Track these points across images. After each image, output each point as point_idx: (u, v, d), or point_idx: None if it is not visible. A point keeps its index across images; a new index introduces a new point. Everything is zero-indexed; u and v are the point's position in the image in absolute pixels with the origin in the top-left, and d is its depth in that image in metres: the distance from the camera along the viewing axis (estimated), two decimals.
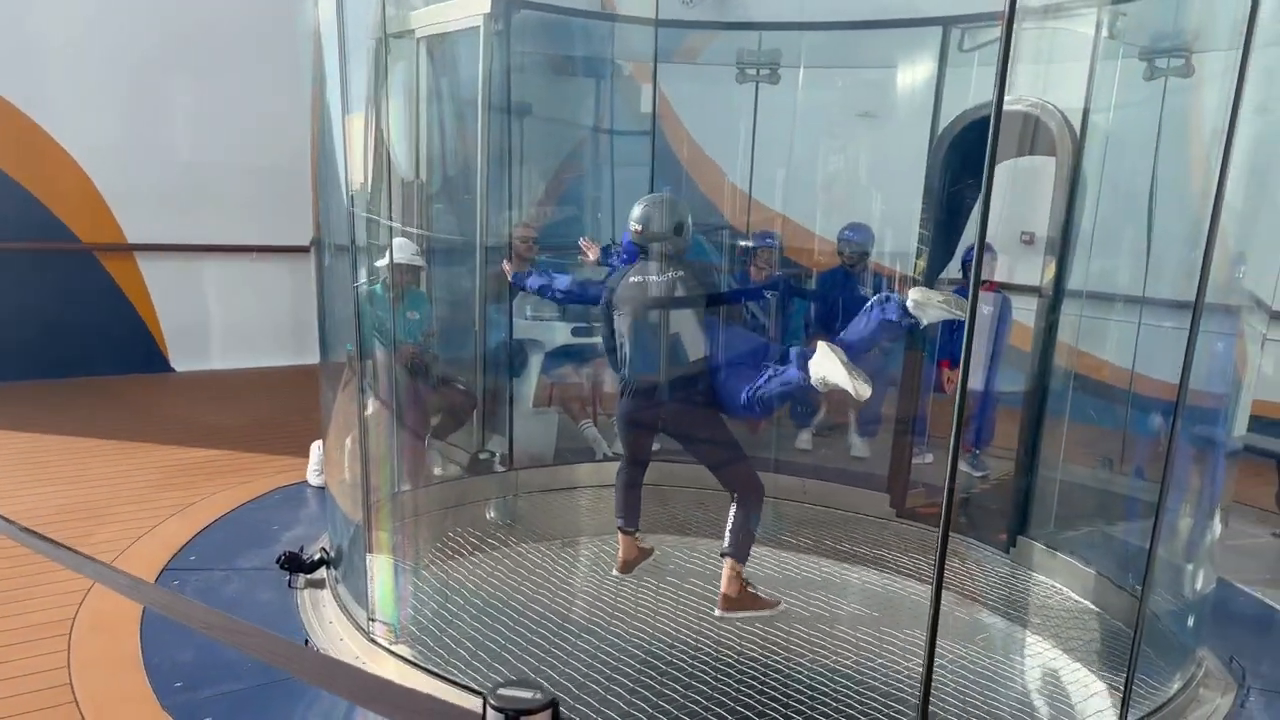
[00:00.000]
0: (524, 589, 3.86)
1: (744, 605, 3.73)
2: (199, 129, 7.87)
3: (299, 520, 4.51)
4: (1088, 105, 4.24)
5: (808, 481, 5.25)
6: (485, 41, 4.95)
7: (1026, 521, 4.47)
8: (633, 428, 4.02)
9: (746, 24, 6.20)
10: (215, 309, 8.16)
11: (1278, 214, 3.19)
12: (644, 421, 3.99)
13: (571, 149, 6.13)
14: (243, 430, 6.12)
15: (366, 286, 4.54)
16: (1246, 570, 4.47)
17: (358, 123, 3.36)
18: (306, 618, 3.52)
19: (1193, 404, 3.31)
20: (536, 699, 1.18)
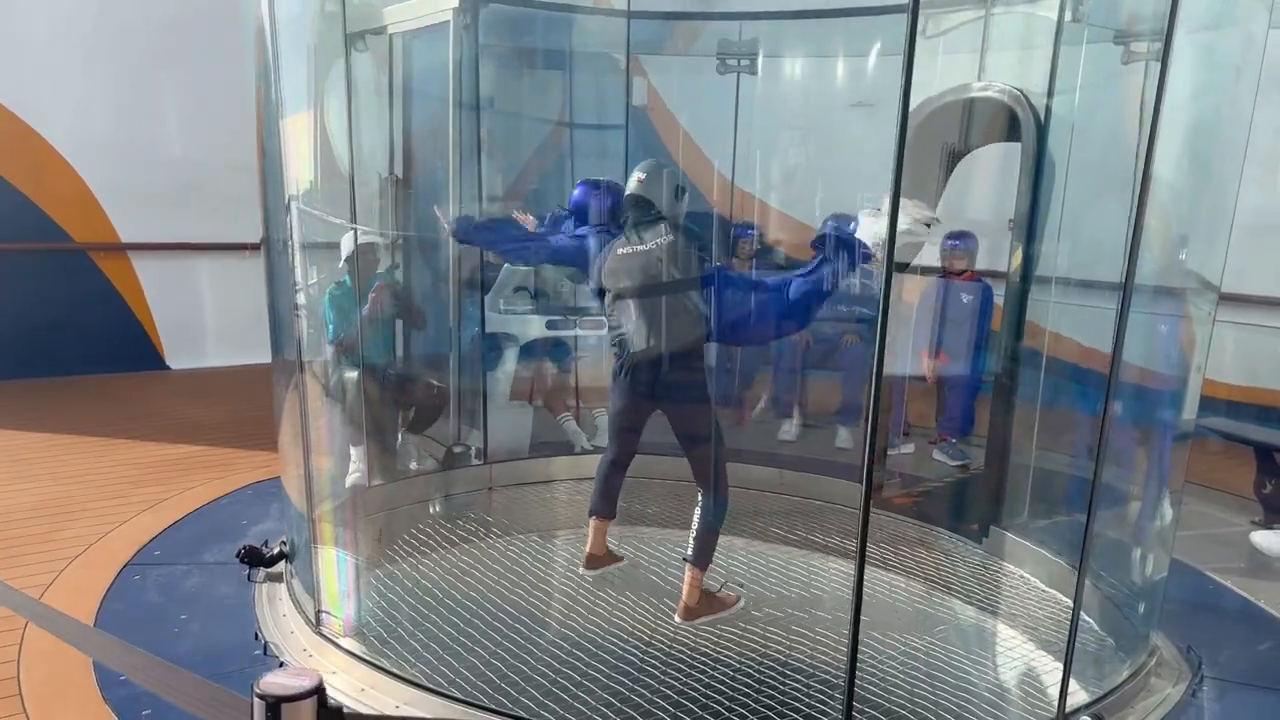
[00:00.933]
0: (488, 583, 3.87)
1: (704, 611, 3.65)
2: (190, 127, 7.93)
3: (269, 515, 4.53)
4: (1051, 89, 4.20)
5: (785, 472, 5.23)
6: (455, 36, 4.96)
7: (1000, 511, 4.44)
8: (632, 413, 3.81)
9: (720, 14, 6.18)
10: (209, 307, 8.23)
11: (1222, 196, 3.14)
12: (644, 404, 3.75)
13: (544, 142, 6.12)
14: (225, 426, 6.17)
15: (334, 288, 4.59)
16: (1223, 559, 4.42)
17: (305, 120, 3.37)
18: (261, 612, 3.54)
19: (1145, 385, 3.29)
20: (302, 686, 1.19)
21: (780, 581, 4.04)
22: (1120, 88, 4.14)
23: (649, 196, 3.70)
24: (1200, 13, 3.07)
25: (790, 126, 6.37)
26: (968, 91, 4.48)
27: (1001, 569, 4.25)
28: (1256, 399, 6.45)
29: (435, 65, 5.09)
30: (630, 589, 3.89)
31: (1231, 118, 3.17)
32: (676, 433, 3.73)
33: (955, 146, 4.54)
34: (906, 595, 3.98)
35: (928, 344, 5.72)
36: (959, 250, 5.59)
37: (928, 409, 5.86)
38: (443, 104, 5.05)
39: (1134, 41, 4.02)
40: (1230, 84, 3.14)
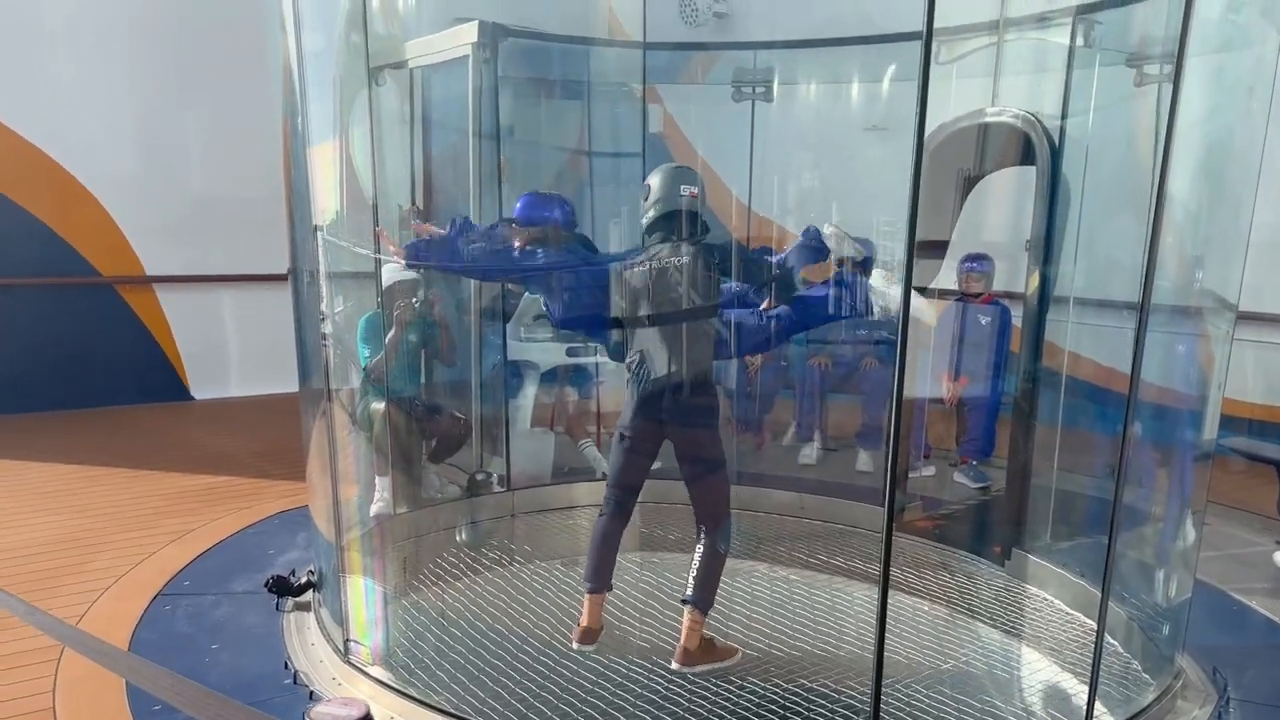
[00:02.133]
0: (513, 611, 3.89)
1: (702, 659, 3.44)
2: (214, 162, 8.07)
3: (295, 545, 4.57)
4: (1065, 112, 4.24)
5: (805, 496, 5.24)
6: (474, 69, 5.04)
7: (1022, 533, 4.44)
8: (651, 441, 3.56)
9: (734, 44, 6.25)
10: (232, 337, 8.33)
11: (1238, 215, 3.16)
12: (659, 432, 3.51)
13: (562, 170, 6.20)
14: (249, 456, 6.23)
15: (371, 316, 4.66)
16: (1246, 580, 4.40)
17: (330, 152, 3.44)
18: (290, 640, 3.57)
19: (1164, 405, 3.31)
20: (351, 716, 1.22)
21: (804, 606, 4.05)
22: (1133, 109, 4.17)
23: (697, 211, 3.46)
24: (1211, 35, 3.11)
25: (805, 151, 6.42)
26: (982, 116, 4.52)
27: (1025, 592, 4.23)
28: (1278, 417, 6.42)
29: (455, 98, 5.17)
30: (653, 616, 3.90)
31: (1245, 137, 3.20)
32: (686, 461, 3.53)
33: (970, 171, 4.58)
34: (930, 619, 3.97)
35: (948, 366, 5.73)
36: (976, 273, 5.61)
37: (948, 431, 5.86)
38: (462, 135, 5.13)
39: (1146, 64, 4.05)
40: (1243, 104, 3.17)
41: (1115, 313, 4.43)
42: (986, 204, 4.93)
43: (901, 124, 5.76)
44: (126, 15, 7.61)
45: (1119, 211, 4.25)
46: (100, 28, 7.52)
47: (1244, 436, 5.78)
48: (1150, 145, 4.07)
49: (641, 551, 4.59)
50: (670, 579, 4.25)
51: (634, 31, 5.88)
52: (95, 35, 7.51)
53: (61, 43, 7.42)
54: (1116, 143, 4.27)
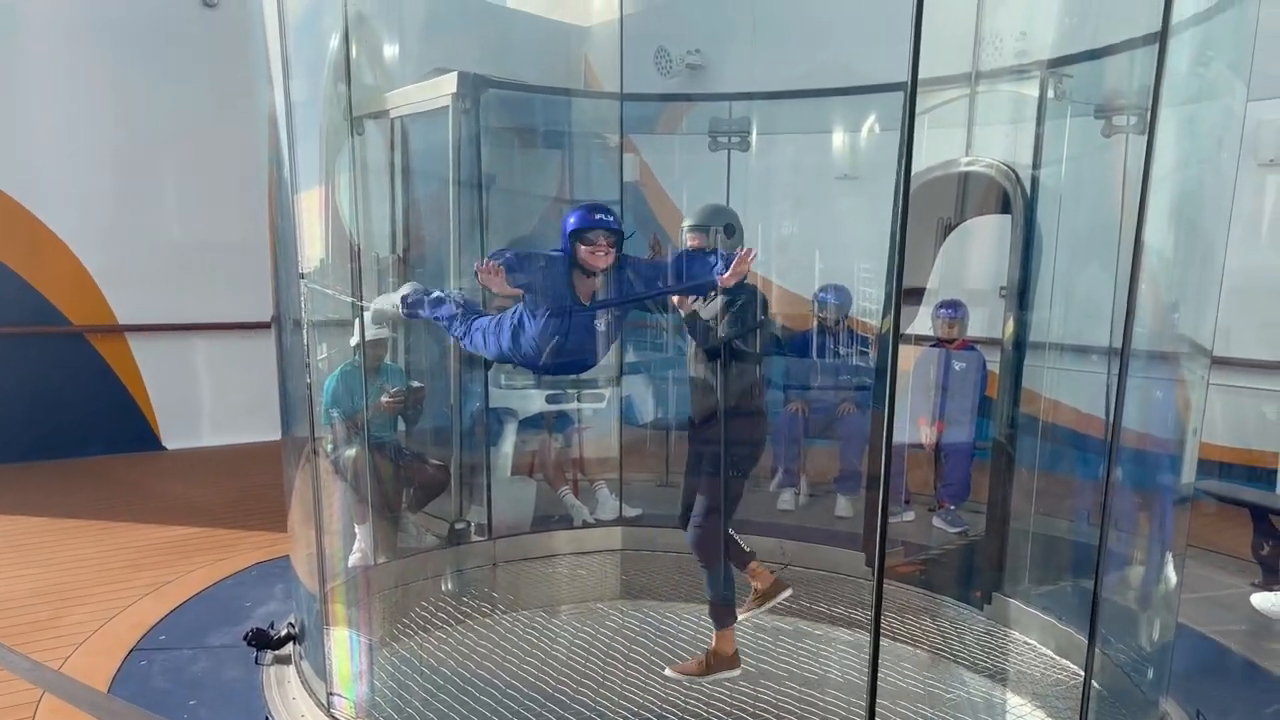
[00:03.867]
0: (496, 660, 3.85)
1: (706, 668, 3.66)
2: (188, 209, 8.04)
3: (273, 596, 4.51)
4: (1037, 162, 4.33)
5: (785, 542, 5.23)
6: (454, 119, 5.08)
7: (1002, 577, 4.46)
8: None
9: (708, 95, 6.36)
10: (205, 386, 8.25)
11: (1210, 261, 3.24)
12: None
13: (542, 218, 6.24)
14: (224, 506, 6.15)
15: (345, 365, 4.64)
16: (1225, 622, 4.44)
17: (314, 201, 3.45)
18: (270, 695, 3.51)
19: (1142, 450, 3.35)
20: None
21: (789, 651, 4.03)
22: (1103, 159, 4.27)
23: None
24: (1180, 87, 3.20)
25: (782, 200, 6.51)
26: (956, 166, 4.61)
27: (1007, 636, 4.24)
28: (1246, 460, 6.52)
29: (436, 147, 5.21)
30: (638, 662, 3.87)
31: (1216, 186, 3.28)
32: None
33: (946, 219, 4.66)
34: (913, 664, 3.97)
35: (925, 412, 5.79)
36: (953, 319, 5.68)
37: (926, 476, 5.90)
38: (443, 184, 5.16)
39: (1114, 115, 4.15)
40: (1213, 154, 3.26)
41: (1090, 358, 4.52)
42: (963, 251, 5.01)
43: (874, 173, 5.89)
44: (101, 62, 7.62)
45: (1092, 258, 4.34)
46: (74, 75, 7.52)
47: (1214, 479, 5.86)
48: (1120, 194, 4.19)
49: (624, 599, 4.57)
50: (654, 624, 4.23)
51: (610, 82, 5.98)
52: (69, 82, 7.50)
53: (35, 90, 7.40)
54: (1088, 191, 4.37)
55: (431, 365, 5.33)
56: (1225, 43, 3.16)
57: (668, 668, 3.72)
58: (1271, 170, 6.42)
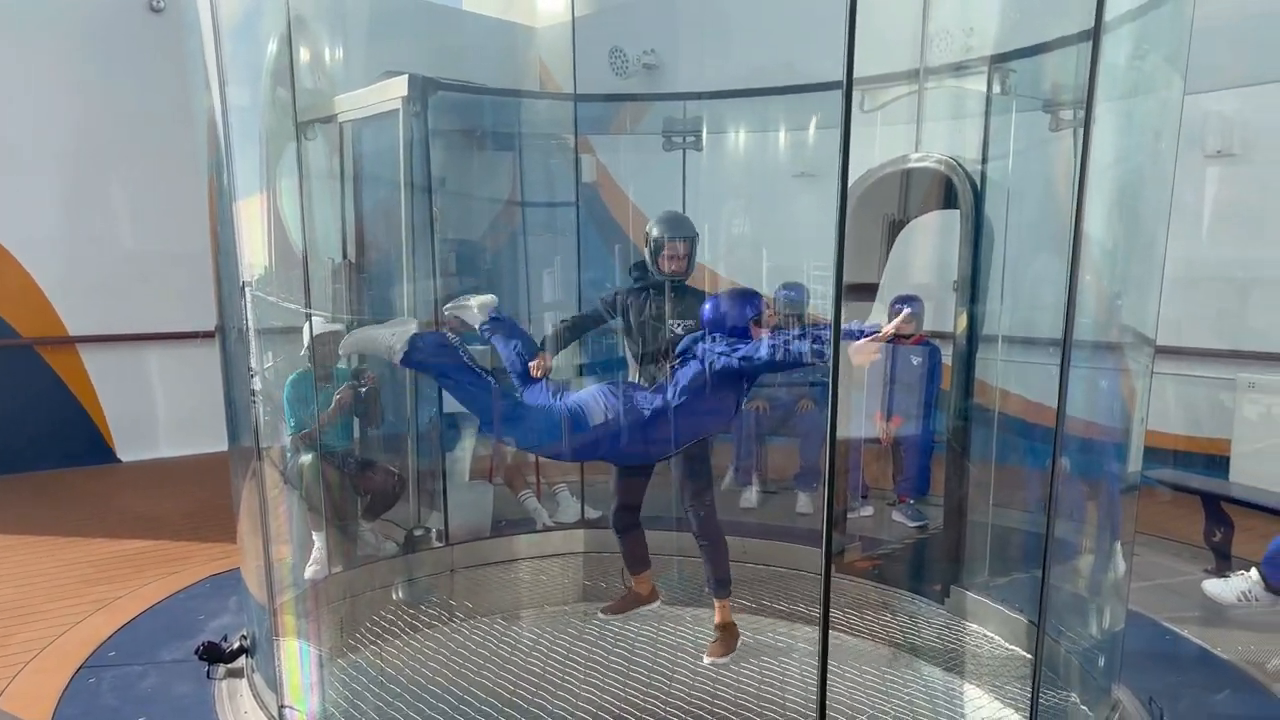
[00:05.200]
0: (454, 667, 3.82)
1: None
2: (138, 219, 7.93)
3: (227, 609, 4.45)
4: (985, 156, 4.37)
5: (747, 540, 5.23)
6: (404, 122, 5.04)
7: (960, 570, 4.48)
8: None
9: (662, 95, 6.35)
10: (160, 397, 8.13)
11: (1152, 252, 3.27)
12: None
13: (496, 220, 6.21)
14: (179, 519, 6.07)
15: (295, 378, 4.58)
16: (1178, 609, 4.49)
17: (257, 208, 3.40)
18: (222, 709, 3.46)
19: (1090, 439, 3.38)
20: None
21: (749, 650, 4.03)
22: (1050, 153, 4.32)
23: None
24: (1120, 81, 3.24)
25: (736, 198, 6.52)
26: (906, 162, 4.64)
27: (965, 629, 4.27)
28: (1200, 448, 6.62)
29: (385, 150, 5.16)
30: (598, 665, 3.86)
31: (1155, 177, 3.32)
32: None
33: (896, 215, 4.69)
34: (872, 659, 3.98)
35: (881, 407, 5.81)
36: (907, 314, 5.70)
37: (884, 471, 5.93)
38: (394, 188, 5.12)
39: (1060, 109, 4.20)
40: (1151, 146, 3.30)
41: (1042, 349, 4.56)
42: (914, 247, 5.05)
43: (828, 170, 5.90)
44: (48, 69, 7.49)
45: (1040, 251, 4.38)
46: (20, 81, 7.38)
47: (1168, 468, 5.94)
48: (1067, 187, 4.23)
49: (586, 603, 4.55)
50: (616, 628, 4.22)
51: (564, 83, 5.95)
52: (13, 90, 7.37)
53: None
54: (1036, 185, 4.40)
55: (384, 371, 5.27)
56: (1162, 36, 3.20)
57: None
58: (1218, 161, 6.52)
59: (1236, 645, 4.08)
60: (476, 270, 5.94)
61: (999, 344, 4.48)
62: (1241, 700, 3.65)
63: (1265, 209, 6.37)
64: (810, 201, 6.31)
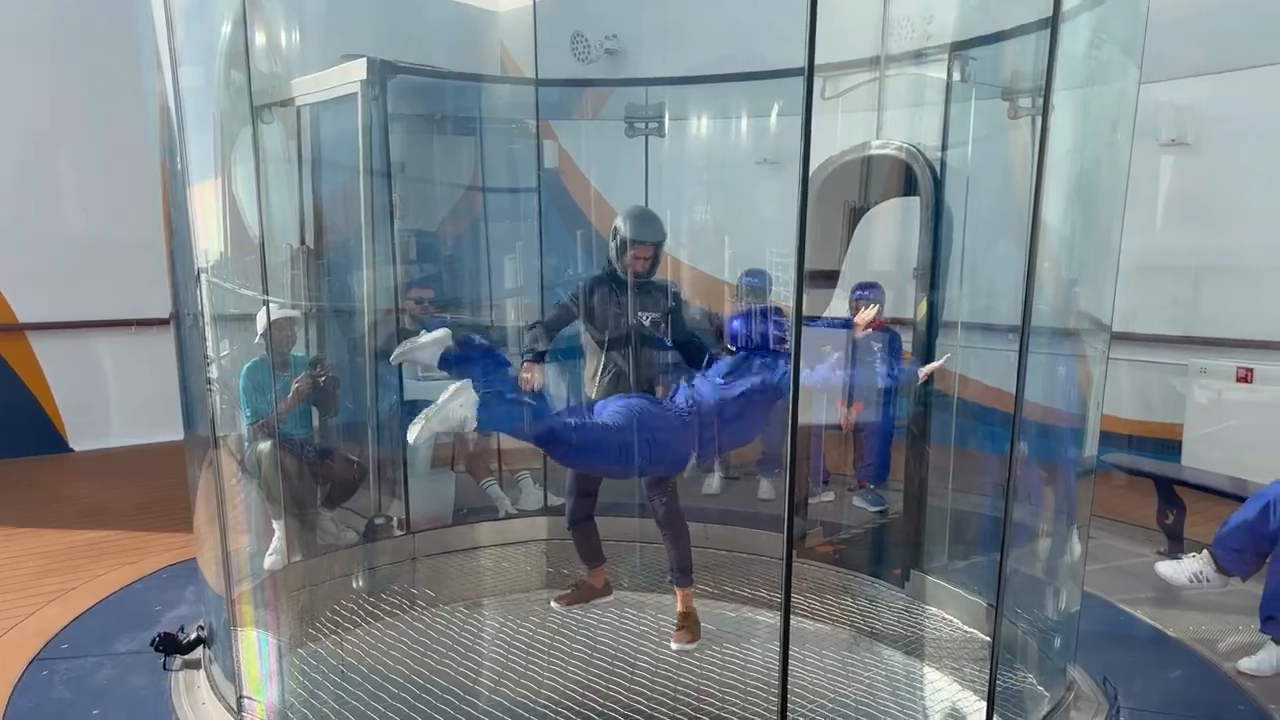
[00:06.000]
0: (415, 656, 3.80)
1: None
2: (90, 203, 7.76)
3: (184, 599, 4.39)
4: (945, 144, 4.39)
5: (709, 526, 5.25)
6: (363, 106, 4.97)
7: (920, 554, 4.53)
8: None
9: (624, 80, 6.32)
10: (113, 385, 7.99)
11: (1107, 240, 3.32)
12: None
13: (457, 206, 6.16)
14: (134, 508, 5.97)
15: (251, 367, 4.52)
16: (1132, 590, 4.58)
17: (212, 193, 3.34)
18: (179, 701, 3.41)
19: (1047, 424, 3.43)
20: None
21: (711, 635, 4.05)
22: (1009, 141, 4.35)
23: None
24: (1077, 71, 3.27)
25: (699, 185, 6.52)
26: (867, 149, 4.65)
27: (924, 612, 4.32)
28: (1154, 433, 6.74)
29: (344, 135, 5.09)
30: (560, 653, 3.86)
31: (1111, 166, 3.36)
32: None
33: (858, 202, 4.71)
34: (833, 643, 4.02)
35: (842, 393, 5.83)
36: (867, 300, 5.73)
37: (845, 457, 5.97)
38: (353, 173, 5.05)
39: (1018, 98, 4.23)
40: (1108, 135, 3.34)
41: (1000, 335, 4.61)
42: (875, 234, 5.07)
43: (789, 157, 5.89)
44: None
45: (999, 238, 4.42)
46: None
47: (1123, 452, 6.04)
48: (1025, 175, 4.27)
49: (549, 590, 4.54)
50: (579, 615, 4.22)
51: (526, 67, 5.91)
52: None
53: None
54: (995, 172, 4.44)
55: (343, 359, 5.22)
56: (1118, 26, 3.24)
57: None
58: (1171, 151, 6.61)
59: (1188, 625, 4.17)
60: (437, 257, 5.89)
61: (958, 330, 4.52)
62: (1193, 679, 3.73)
63: (1216, 198, 6.48)
64: (772, 189, 6.32)
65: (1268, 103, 6.13)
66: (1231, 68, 6.23)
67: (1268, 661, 3.68)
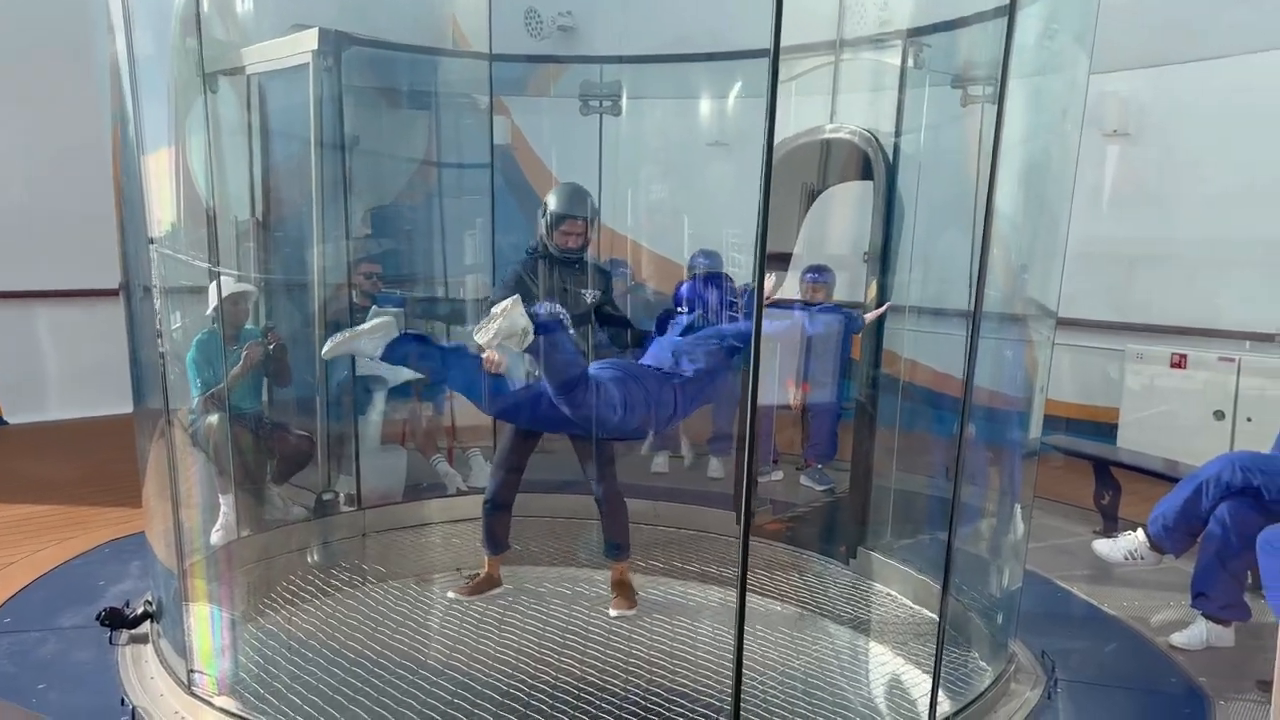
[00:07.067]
0: (367, 630, 3.79)
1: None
2: (26, 171, 7.54)
3: (129, 574, 4.32)
4: (899, 129, 4.45)
5: (659, 504, 5.30)
6: (315, 77, 4.90)
7: (865, 532, 4.62)
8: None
9: (578, 57, 6.30)
10: (51, 357, 7.80)
11: (1055, 227, 3.40)
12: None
13: (409, 181, 6.10)
14: (74, 483, 5.85)
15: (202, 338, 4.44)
16: (1069, 568, 4.71)
17: (164, 161, 3.28)
18: (126, 675, 3.37)
19: (993, 407, 3.52)
20: None
21: (661, 610, 4.10)
22: (961, 128, 4.43)
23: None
24: (1029, 60, 3.33)
25: (653, 165, 6.52)
26: (821, 133, 4.70)
27: (870, 589, 4.41)
28: (1092, 416, 6.92)
29: (296, 106, 5.02)
30: (513, 627, 3.88)
31: (1060, 155, 3.44)
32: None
33: (812, 185, 4.75)
34: (781, 619, 4.09)
35: (793, 374, 5.91)
36: (818, 283, 5.81)
37: (795, 436, 6.05)
38: (304, 145, 4.98)
39: (970, 85, 4.30)
40: (1058, 124, 3.41)
41: (949, 320, 4.70)
42: (827, 217, 5.13)
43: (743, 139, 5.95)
44: None
45: (950, 224, 4.50)
46: None
47: (1063, 434, 6.20)
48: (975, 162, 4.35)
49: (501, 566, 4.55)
50: (530, 589, 4.25)
51: (479, 43, 5.86)
52: None
53: None
54: (947, 159, 4.51)
55: (294, 332, 5.16)
56: (1070, 15, 3.30)
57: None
58: (1116, 141, 6.77)
59: (1123, 602, 4.32)
60: (389, 232, 5.83)
61: (907, 314, 4.60)
62: (1127, 653, 3.86)
63: (1155, 188, 6.66)
64: (726, 170, 6.36)
65: (1204, 96, 6.30)
66: (1172, 60, 6.39)
67: (1198, 636, 3.82)
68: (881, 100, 4.59)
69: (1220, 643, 3.80)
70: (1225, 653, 3.77)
